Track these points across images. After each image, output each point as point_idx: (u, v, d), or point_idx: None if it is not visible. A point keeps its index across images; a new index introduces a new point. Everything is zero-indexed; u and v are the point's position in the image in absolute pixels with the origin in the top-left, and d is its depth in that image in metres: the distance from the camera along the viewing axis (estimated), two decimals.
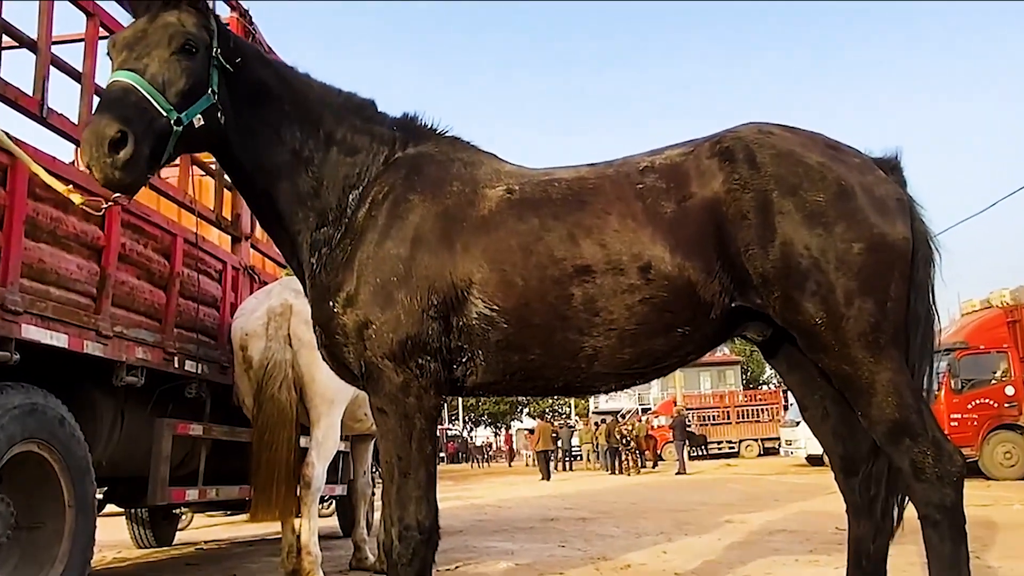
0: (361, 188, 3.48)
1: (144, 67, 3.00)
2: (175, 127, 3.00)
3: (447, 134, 3.69)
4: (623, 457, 31.31)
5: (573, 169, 3.53)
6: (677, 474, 25.75)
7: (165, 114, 2.97)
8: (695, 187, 3.24)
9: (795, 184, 3.13)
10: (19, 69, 4.87)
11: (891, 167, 3.41)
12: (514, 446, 59.45)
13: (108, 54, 3.17)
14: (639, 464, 31.93)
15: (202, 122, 3.12)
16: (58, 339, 4.69)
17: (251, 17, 7.44)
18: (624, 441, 32.38)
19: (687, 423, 29.11)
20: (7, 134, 3.95)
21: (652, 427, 36.55)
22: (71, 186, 3.87)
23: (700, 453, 34.62)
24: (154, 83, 2.98)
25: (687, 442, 27.64)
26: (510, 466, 46.80)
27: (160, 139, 2.97)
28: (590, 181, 3.40)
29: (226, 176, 4.58)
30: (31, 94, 4.83)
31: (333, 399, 6.06)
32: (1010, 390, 16.74)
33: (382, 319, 3.24)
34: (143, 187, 3.18)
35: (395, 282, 3.25)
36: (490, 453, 56.80)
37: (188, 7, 3.17)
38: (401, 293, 3.24)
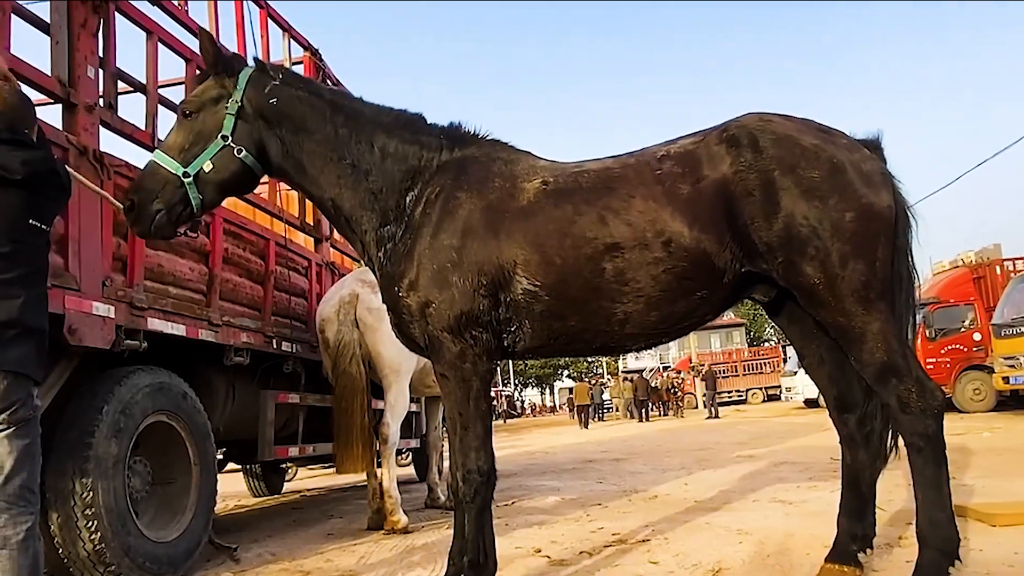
0: (416, 190, 3.43)
1: (164, 140, 3.38)
2: (184, 178, 3.24)
3: (488, 138, 3.62)
4: (664, 404, 31.95)
5: (599, 161, 3.44)
6: (708, 419, 25.18)
7: (173, 171, 3.25)
8: (707, 170, 3.14)
9: (793, 164, 3.03)
10: (133, 109, 4.93)
11: (873, 147, 3.29)
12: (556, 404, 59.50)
13: None
14: (680, 410, 31.83)
15: (211, 167, 3.29)
16: (177, 329, 4.76)
17: (321, 55, 7.44)
18: (672, 391, 32.68)
19: (715, 376, 28.79)
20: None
21: (673, 381, 36.35)
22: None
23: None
24: (167, 151, 3.30)
25: (715, 392, 27.28)
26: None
27: (176, 190, 3.25)
28: (615, 170, 3.31)
29: None
30: (144, 128, 4.89)
31: (399, 369, 6.07)
32: (977, 336, 16.40)
33: (440, 299, 3.22)
34: (187, 224, 3.49)
35: (449, 267, 3.22)
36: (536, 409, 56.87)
37: (211, 78, 3.40)
38: (455, 276, 3.21)
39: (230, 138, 3.30)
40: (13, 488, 2.64)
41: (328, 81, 7.47)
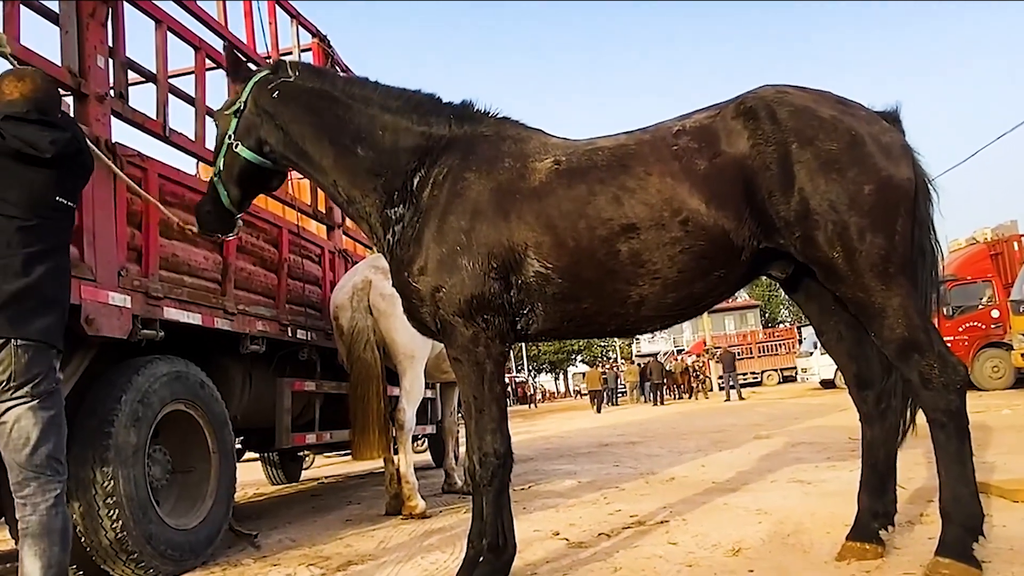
0: (423, 171, 3.42)
1: None
2: (214, 178, 3.63)
3: (498, 116, 3.58)
4: (679, 387, 32.48)
5: (612, 138, 3.39)
6: (726, 401, 25.07)
7: (213, 174, 3.66)
8: (724, 145, 3.08)
9: (812, 136, 2.97)
10: (144, 99, 4.95)
11: (892, 119, 3.22)
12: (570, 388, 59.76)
13: None
14: (703, 392, 31.85)
15: (223, 164, 3.59)
16: (193, 318, 4.78)
17: (329, 41, 7.41)
18: (695, 374, 32.96)
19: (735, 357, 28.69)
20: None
21: (687, 364, 36.31)
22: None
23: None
24: None
25: (732, 374, 27.21)
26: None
27: (213, 190, 3.65)
28: (630, 147, 3.25)
29: None
30: (155, 118, 4.89)
31: (413, 355, 6.07)
32: (995, 313, 16.27)
33: (450, 283, 3.20)
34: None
35: (458, 251, 3.20)
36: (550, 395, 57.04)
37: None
38: (464, 260, 3.18)
39: (232, 136, 3.54)
40: (40, 458, 2.72)
41: (336, 67, 7.45)
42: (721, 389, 29.04)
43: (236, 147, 3.53)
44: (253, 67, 3.78)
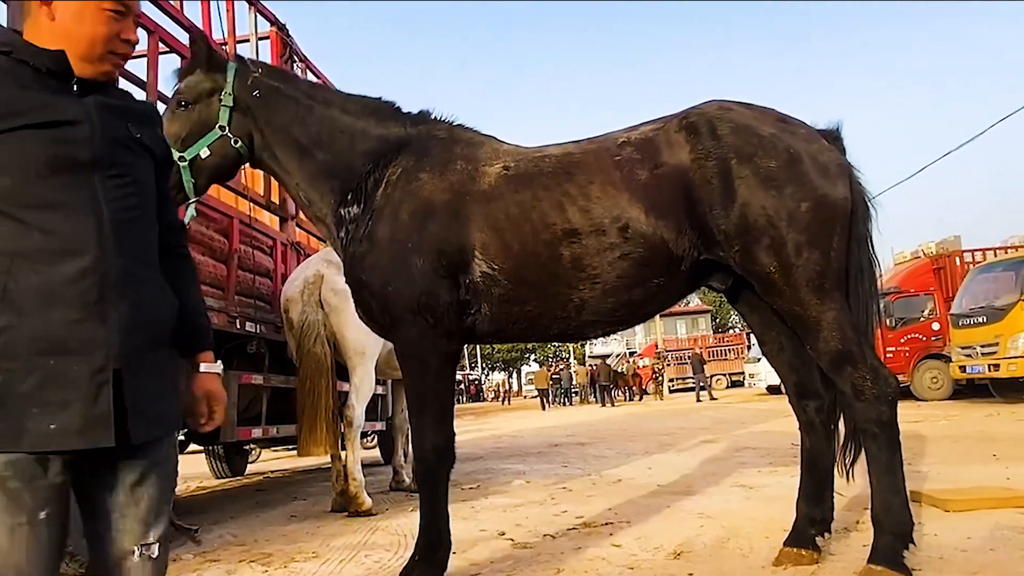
0: (377, 172, 3.47)
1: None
2: (180, 163, 3.28)
3: (453, 123, 3.66)
4: (629, 389, 33.12)
5: (561, 146, 3.47)
6: (698, 401, 25.69)
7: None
8: (666, 157, 3.17)
9: (751, 152, 3.06)
10: None
11: (833, 137, 3.34)
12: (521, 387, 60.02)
13: None
14: (659, 393, 32.26)
15: (208, 153, 3.37)
16: None
17: (288, 30, 7.31)
18: (654, 375, 33.77)
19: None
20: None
21: (638, 367, 36.70)
22: None
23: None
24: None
25: (703, 376, 27.73)
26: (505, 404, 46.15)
27: (177, 175, 3.29)
28: (575, 155, 3.34)
29: None
30: None
31: (364, 351, 6.04)
32: (936, 326, 16.77)
33: (399, 280, 3.24)
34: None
35: (409, 248, 3.24)
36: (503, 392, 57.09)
37: (197, 71, 3.42)
38: (414, 257, 3.23)
39: (227, 128, 3.41)
40: None
41: (295, 56, 7.35)
42: (672, 392, 29.40)
43: (236, 143, 3.42)
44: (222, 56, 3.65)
